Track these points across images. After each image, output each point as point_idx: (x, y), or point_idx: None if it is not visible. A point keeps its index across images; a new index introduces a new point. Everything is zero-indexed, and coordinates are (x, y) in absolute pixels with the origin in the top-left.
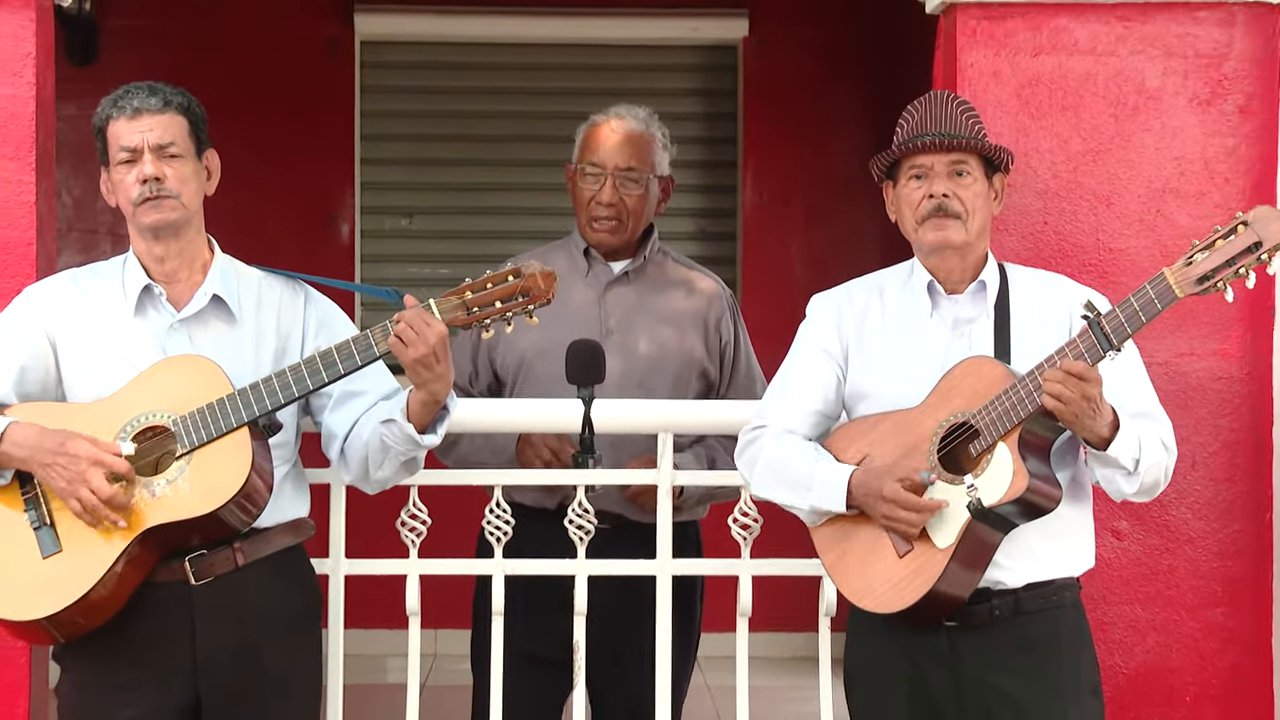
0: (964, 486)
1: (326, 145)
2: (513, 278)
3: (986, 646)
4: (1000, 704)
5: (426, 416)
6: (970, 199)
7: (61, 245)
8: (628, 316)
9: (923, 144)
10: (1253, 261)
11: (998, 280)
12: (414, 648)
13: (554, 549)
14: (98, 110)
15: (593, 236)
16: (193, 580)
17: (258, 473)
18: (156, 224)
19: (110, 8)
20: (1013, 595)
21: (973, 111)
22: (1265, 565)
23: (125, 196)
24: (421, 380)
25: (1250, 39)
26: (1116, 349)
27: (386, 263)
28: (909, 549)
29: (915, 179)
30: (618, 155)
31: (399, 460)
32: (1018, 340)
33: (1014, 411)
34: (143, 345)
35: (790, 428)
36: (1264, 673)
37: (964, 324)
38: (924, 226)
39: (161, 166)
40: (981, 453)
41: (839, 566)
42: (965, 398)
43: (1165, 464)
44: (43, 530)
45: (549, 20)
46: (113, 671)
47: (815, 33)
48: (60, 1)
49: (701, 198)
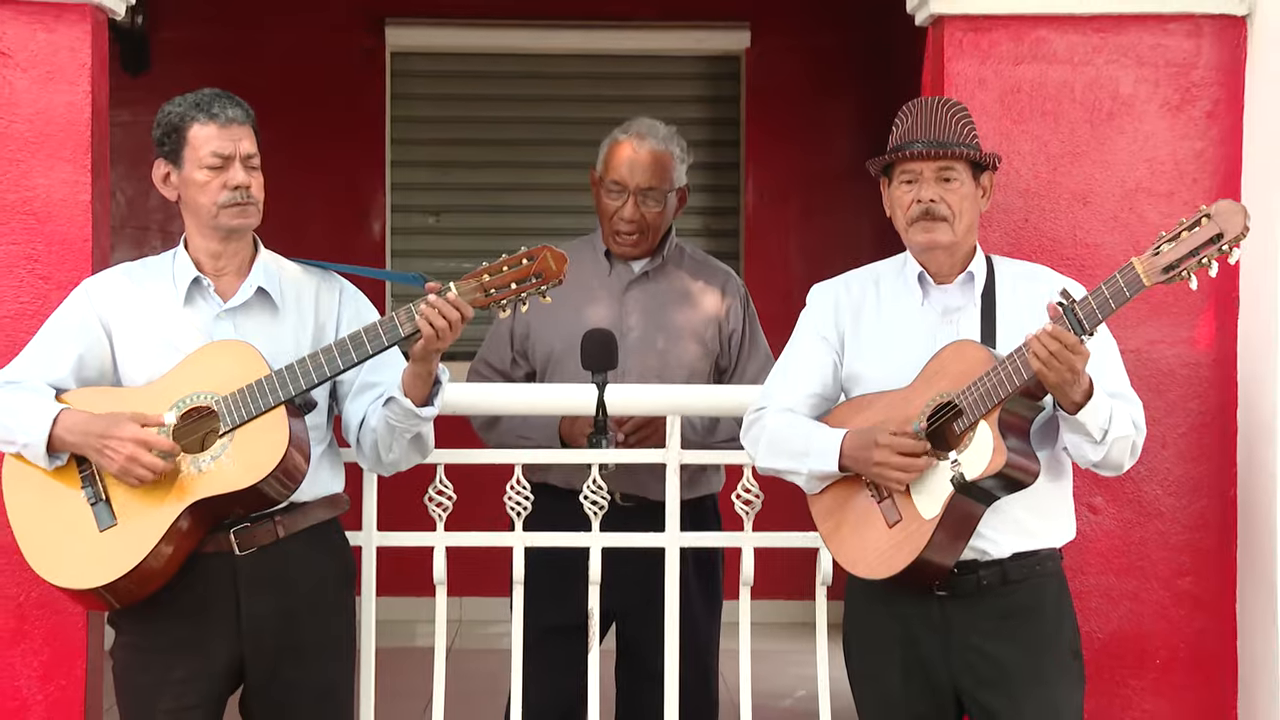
0: (949, 462)
1: (360, 148)
2: (526, 260)
3: (975, 614)
4: (987, 666)
5: (423, 390)
6: (957, 201)
7: (115, 241)
8: (646, 313)
9: (912, 152)
10: (1215, 252)
11: (985, 271)
12: (441, 614)
13: (583, 527)
14: (172, 109)
15: (616, 248)
16: (237, 551)
17: (295, 447)
18: (239, 227)
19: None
20: (999, 565)
21: (963, 113)
22: (1230, 538)
23: (209, 198)
24: (429, 358)
25: (1217, 49)
26: (1089, 333)
27: (414, 257)
28: (898, 519)
29: (906, 183)
30: (640, 176)
31: (405, 439)
32: (1002, 327)
33: (995, 392)
34: (190, 333)
35: (790, 407)
36: (1228, 637)
37: (953, 312)
38: (914, 228)
39: (248, 176)
40: (965, 430)
41: (834, 536)
42: (951, 379)
43: (1134, 440)
44: (99, 505)
45: (565, 33)
46: (163, 634)
47: (812, 44)
48: (114, 15)
49: (707, 196)
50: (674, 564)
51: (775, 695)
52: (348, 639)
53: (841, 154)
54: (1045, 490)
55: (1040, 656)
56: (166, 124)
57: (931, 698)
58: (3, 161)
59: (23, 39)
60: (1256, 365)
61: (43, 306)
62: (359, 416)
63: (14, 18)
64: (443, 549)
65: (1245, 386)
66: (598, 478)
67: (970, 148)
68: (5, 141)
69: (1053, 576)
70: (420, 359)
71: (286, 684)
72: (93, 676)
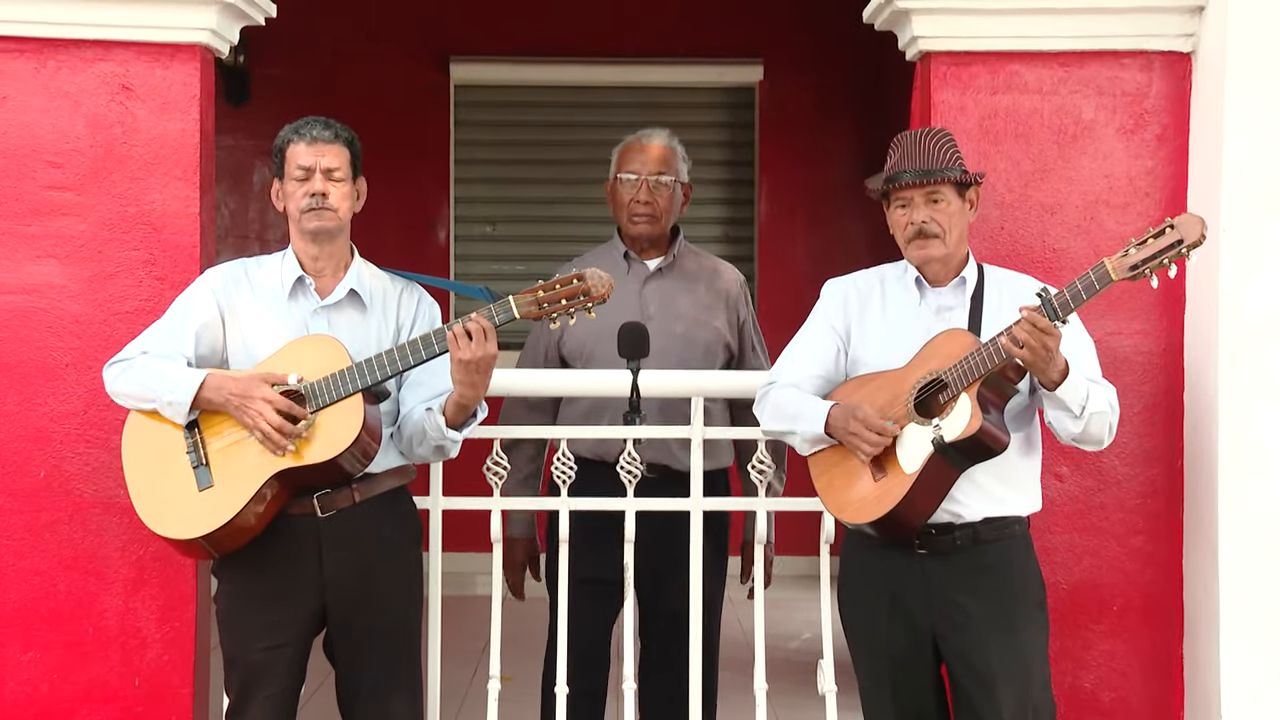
0: (931, 426)
1: (427, 168)
2: (576, 281)
3: (951, 570)
4: (963, 616)
5: (458, 417)
6: (946, 220)
7: (219, 248)
8: (663, 304)
9: (902, 182)
10: (1174, 255)
11: (975, 277)
12: (497, 567)
13: (607, 492)
14: (281, 134)
15: (633, 229)
16: (319, 513)
17: (368, 429)
18: (315, 229)
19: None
20: (971, 527)
21: (947, 140)
22: (1177, 502)
23: (294, 204)
24: (462, 381)
25: (1166, 81)
26: (1063, 320)
27: (474, 261)
28: (882, 475)
29: (900, 207)
30: (650, 164)
31: (432, 444)
32: (987, 325)
33: (976, 369)
34: (291, 324)
35: (795, 384)
36: (1175, 588)
37: (945, 310)
38: (910, 246)
39: (326, 185)
40: (948, 401)
41: (828, 490)
42: (940, 359)
43: (1110, 419)
44: (200, 469)
45: (603, 68)
46: (258, 583)
47: (817, 77)
48: (220, 54)
49: (726, 209)
50: (698, 525)
51: (785, 637)
52: (416, 588)
53: (843, 172)
54: (1014, 465)
55: (1007, 607)
56: (275, 147)
57: (914, 641)
58: (125, 180)
59: (143, 75)
60: (1200, 354)
61: (158, 304)
62: (406, 406)
63: (136, 57)
64: (498, 512)
65: (1191, 372)
66: (632, 450)
67: (953, 171)
68: (127, 163)
69: (1019, 539)
70: (458, 378)
71: (363, 628)
72: (201, 618)
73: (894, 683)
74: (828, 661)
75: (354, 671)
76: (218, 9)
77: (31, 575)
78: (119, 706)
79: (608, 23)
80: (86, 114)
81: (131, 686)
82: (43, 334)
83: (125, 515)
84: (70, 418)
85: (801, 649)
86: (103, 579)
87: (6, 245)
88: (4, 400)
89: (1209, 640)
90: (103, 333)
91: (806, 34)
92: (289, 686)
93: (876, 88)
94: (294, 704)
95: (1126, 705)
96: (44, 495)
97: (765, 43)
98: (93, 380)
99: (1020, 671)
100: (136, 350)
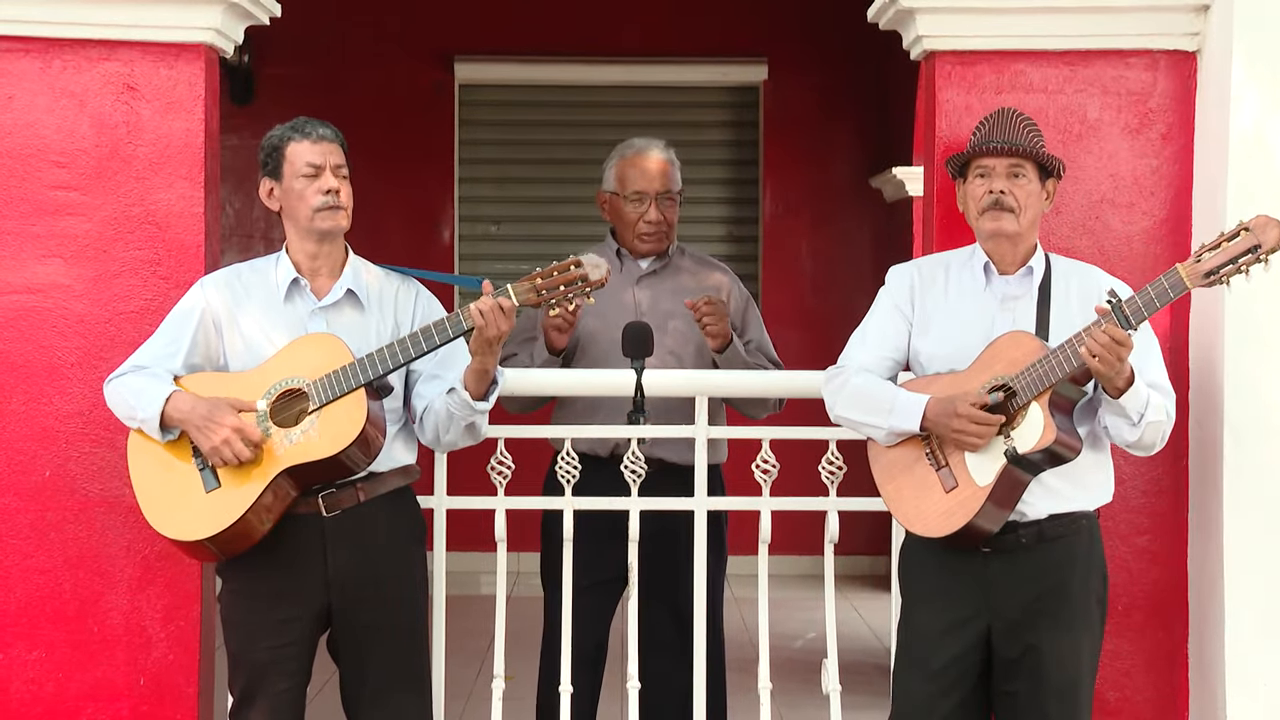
0: (1002, 437)
1: (432, 168)
2: (574, 267)
3: (1013, 567)
4: (1017, 613)
5: (481, 386)
6: (1024, 196)
7: (224, 247)
8: (655, 302)
9: (988, 148)
10: (1252, 260)
11: (1044, 267)
12: (501, 566)
13: (607, 490)
14: (272, 134)
15: (642, 247)
16: (324, 512)
17: (372, 424)
18: (331, 229)
19: (264, 59)
20: (1036, 525)
21: (1033, 125)
22: (1182, 502)
23: (305, 204)
24: (482, 352)
25: (1171, 80)
26: (1133, 328)
27: (478, 260)
28: (954, 485)
29: (980, 177)
30: (657, 183)
31: (462, 425)
32: (1055, 317)
33: (1047, 377)
34: (288, 326)
35: (868, 367)
36: (1180, 587)
37: (1011, 300)
38: (984, 216)
39: (337, 182)
40: (1018, 409)
41: (896, 497)
42: (1005, 364)
43: (1165, 428)
44: (205, 471)
45: (607, 67)
46: (262, 582)
47: (821, 77)
48: (224, 54)
49: (730, 208)
50: (702, 524)
51: (788, 637)
52: (421, 587)
53: (847, 171)
54: (1080, 460)
55: (1065, 604)
56: (268, 147)
57: (968, 639)
58: (130, 179)
59: (147, 75)
60: (1206, 353)
61: (164, 302)
62: (425, 401)
63: (141, 57)
64: (503, 511)
65: (1196, 371)
66: (636, 449)
67: (1040, 150)
68: (132, 162)
69: (1084, 533)
70: (478, 352)
71: (367, 626)
72: (207, 618)
73: (943, 681)
74: (832, 661)
75: (359, 670)
76: (223, 9)
77: (37, 574)
78: (124, 705)
79: (613, 22)
80: (91, 114)
81: (136, 685)
82: (48, 333)
83: (130, 514)
84: (75, 417)
85: (805, 648)
86: (108, 578)
87: (12, 245)
88: (10, 400)
89: (1214, 639)
90: (108, 332)
91: (811, 33)
92: (294, 686)
93: (881, 87)
94: (300, 703)
95: (1132, 704)
96: (49, 494)
97: (770, 42)
98: (98, 380)
99: (1071, 670)
100: (131, 365)
